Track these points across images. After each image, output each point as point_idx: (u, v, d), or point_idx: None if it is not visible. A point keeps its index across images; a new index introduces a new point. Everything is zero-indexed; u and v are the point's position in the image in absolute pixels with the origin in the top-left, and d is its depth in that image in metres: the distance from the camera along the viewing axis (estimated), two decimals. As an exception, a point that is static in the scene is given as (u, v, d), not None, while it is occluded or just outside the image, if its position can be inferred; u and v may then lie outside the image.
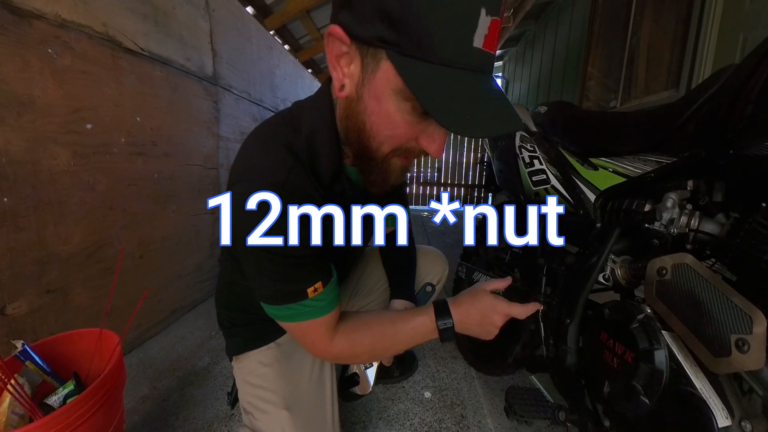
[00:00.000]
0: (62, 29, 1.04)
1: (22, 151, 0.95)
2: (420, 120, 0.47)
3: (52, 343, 0.80)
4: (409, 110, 0.45)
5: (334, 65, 0.47)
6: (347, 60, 0.46)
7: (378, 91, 0.45)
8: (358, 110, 0.49)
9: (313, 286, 0.58)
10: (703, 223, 0.61)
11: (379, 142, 0.51)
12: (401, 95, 0.44)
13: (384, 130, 0.49)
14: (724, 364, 0.48)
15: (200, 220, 1.78)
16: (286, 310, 0.59)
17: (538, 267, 0.98)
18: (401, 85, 0.42)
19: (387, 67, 0.43)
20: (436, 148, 0.50)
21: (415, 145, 0.51)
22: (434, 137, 0.49)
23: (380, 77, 0.44)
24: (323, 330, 0.62)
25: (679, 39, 1.80)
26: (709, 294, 0.51)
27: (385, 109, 0.46)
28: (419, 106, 0.44)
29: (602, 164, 0.83)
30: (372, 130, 0.50)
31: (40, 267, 1.01)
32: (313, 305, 0.59)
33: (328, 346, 0.63)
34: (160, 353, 1.39)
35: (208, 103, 1.79)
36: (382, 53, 0.42)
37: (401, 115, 0.46)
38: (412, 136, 0.50)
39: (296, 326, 0.61)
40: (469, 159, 5.94)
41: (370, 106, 0.48)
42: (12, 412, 0.65)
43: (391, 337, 0.66)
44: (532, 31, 4.14)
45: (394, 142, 0.50)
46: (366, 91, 0.47)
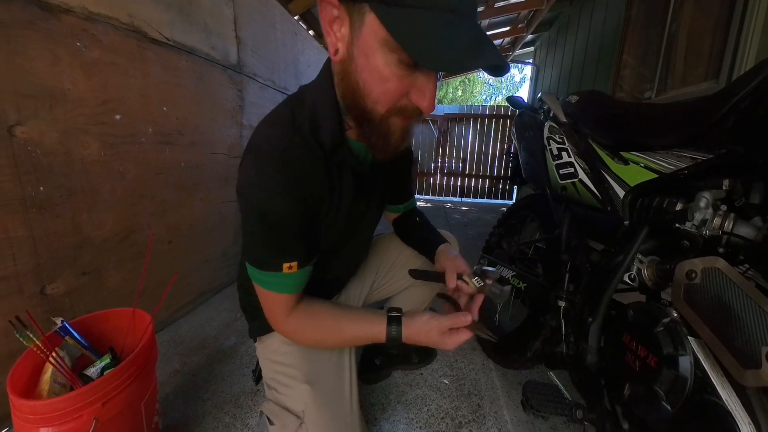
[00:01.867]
0: (89, 22, 1.07)
1: (55, 143, 0.99)
2: (408, 73, 0.48)
3: (89, 321, 0.86)
4: (396, 62, 0.47)
5: (328, 31, 0.50)
6: (339, 24, 0.49)
7: (366, 46, 0.47)
8: (350, 70, 0.51)
9: (289, 263, 0.62)
10: (738, 226, 0.57)
11: (373, 100, 0.52)
12: (387, 47, 0.45)
13: (376, 86, 0.50)
14: (752, 377, 0.46)
15: (226, 208, 1.84)
16: (260, 274, 0.64)
17: (562, 263, 0.96)
18: (385, 35, 0.44)
19: (371, 19, 0.45)
20: (428, 102, 0.51)
21: (408, 103, 0.53)
22: (424, 90, 0.50)
23: (366, 31, 0.46)
24: (282, 305, 0.68)
25: (722, 26, 1.66)
26: (741, 301, 0.49)
27: (373, 63, 0.48)
28: (405, 56, 0.45)
29: (633, 159, 0.79)
30: (365, 88, 0.51)
31: (76, 251, 1.07)
32: (282, 281, 0.64)
33: (283, 321, 0.69)
34: (189, 332, 1.47)
35: (232, 91, 1.81)
36: (366, 6, 0.44)
37: (389, 68, 0.47)
38: (403, 91, 0.51)
39: (262, 291, 0.67)
40: (495, 150, 5.79)
41: (360, 63, 0.49)
42: (54, 382, 0.71)
43: (338, 333, 0.70)
44: (566, 14, 3.91)
45: (387, 99, 0.51)
46: (356, 49, 0.49)
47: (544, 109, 1.17)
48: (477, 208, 5.00)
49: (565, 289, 0.93)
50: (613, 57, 2.59)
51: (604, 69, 2.83)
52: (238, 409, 1.06)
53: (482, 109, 5.75)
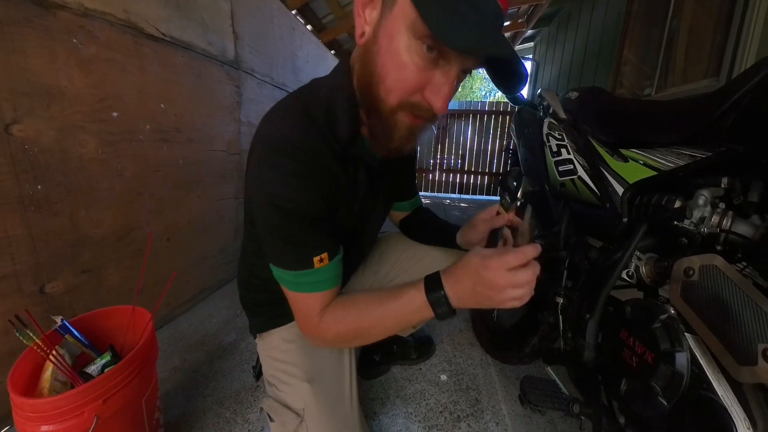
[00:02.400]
0: (85, 18, 1.06)
1: (53, 140, 0.99)
2: (427, 66, 0.48)
3: (88, 319, 0.86)
4: (418, 50, 0.47)
5: (359, 13, 0.50)
6: (371, 7, 0.49)
7: (392, 27, 0.47)
8: (372, 52, 0.51)
9: (319, 255, 0.59)
10: (736, 224, 0.58)
11: (386, 88, 0.51)
12: (413, 31, 0.46)
13: (392, 71, 0.50)
14: (749, 373, 0.46)
15: (224, 205, 1.83)
16: (292, 276, 0.60)
17: (560, 260, 0.96)
18: (414, 18, 0.44)
19: (404, 2, 0.45)
20: (441, 102, 0.50)
21: (420, 99, 0.52)
22: (439, 89, 0.50)
23: (396, 12, 0.46)
24: (317, 305, 0.62)
25: (723, 23, 1.66)
26: (738, 299, 0.49)
27: (395, 46, 0.48)
28: (429, 43, 0.46)
29: (633, 156, 0.79)
30: (381, 72, 0.50)
31: (75, 249, 1.07)
32: (316, 276, 0.60)
33: (318, 322, 0.62)
34: (189, 329, 1.47)
35: (230, 87, 1.80)
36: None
37: (410, 54, 0.47)
38: (418, 85, 0.50)
39: (296, 296, 0.63)
40: (494, 147, 5.77)
41: (383, 45, 0.49)
42: (55, 380, 0.71)
43: (379, 316, 0.60)
44: (566, 10, 3.89)
45: (400, 89, 0.51)
46: (381, 30, 0.49)
47: (544, 106, 1.17)
48: (476, 205, 5.00)
49: (563, 286, 0.93)
50: (614, 53, 2.58)
51: (604, 65, 2.83)
52: (239, 404, 1.07)
53: (482, 105, 5.72)
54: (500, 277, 0.51)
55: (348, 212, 0.69)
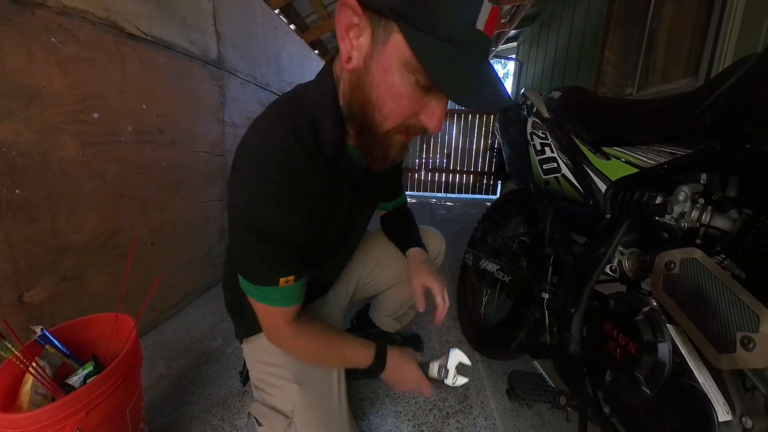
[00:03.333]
0: (64, 16, 1.02)
1: (32, 143, 0.95)
2: (422, 95, 0.49)
3: (70, 328, 0.83)
4: (413, 83, 0.48)
5: (344, 36, 0.49)
6: (357, 32, 0.48)
7: (386, 62, 0.47)
8: (365, 82, 0.51)
9: (286, 278, 0.62)
10: (715, 218, 0.60)
11: (383, 115, 0.52)
12: (407, 68, 0.46)
13: (389, 102, 0.50)
14: (727, 360, 0.48)
15: (209, 207, 1.80)
16: (255, 289, 0.64)
17: (545, 256, 0.98)
18: (409, 57, 0.45)
19: (397, 39, 0.45)
20: (435, 123, 0.52)
21: (415, 122, 0.53)
22: (434, 112, 0.51)
23: (390, 49, 0.46)
24: (281, 318, 0.68)
25: (701, 23, 1.71)
26: (717, 290, 0.51)
27: (391, 80, 0.48)
28: (423, 79, 0.47)
29: (615, 154, 0.82)
30: (377, 102, 0.51)
31: (56, 255, 1.04)
32: (280, 294, 0.64)
33: (282, 335, 0.70)
34: (174, 335, 1.44)
35: (213, 87, 1.77)
36: (394, 26, 0.44)
37: (405, 88, 0.48)
38: (413, 111, 0.52)
39: (258, 305, 0.67)
40: (479, 146, 5.83)
41: (377, 77, 0.49)
42: (35, 393, 0.69)
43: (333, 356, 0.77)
44: (548, 10, 3.96)
45: (397, 117, 0.52)
46: (374, 63, 0.48)
47: (528, 105, 1.19)
48: (462, 204, 5.05)
49: (548, 282, 0.95)
50: (595, 53, 2.64)
51: (586, 65, 2.89)
52: (226, 411, 1.05)
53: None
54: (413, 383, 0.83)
55: (330, 223, 0.70)
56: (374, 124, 0.53)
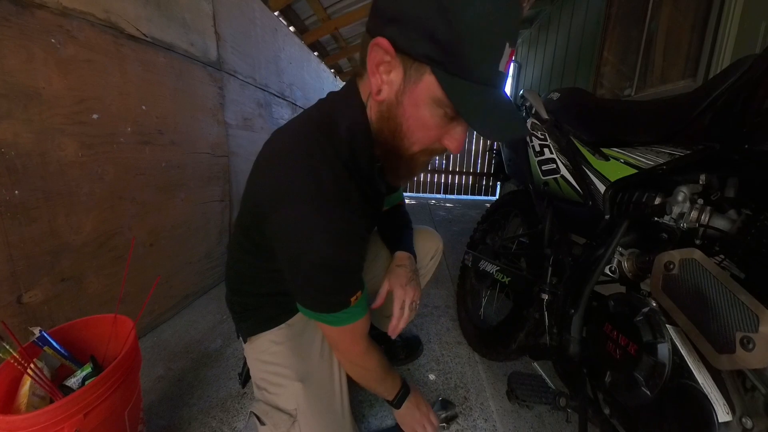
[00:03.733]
0: (64, 18, 1.03)
1: (31, 143, 0.95)
2: (447, 123, 0.56)
3: (68, 329, 0.83)
4: (441, 116, 0.54)
5: (374, 71, 0.54)
6: (387, 68, 0.53)
7: (418, 98, 0.53)
8: (396, 114, 0.56)
9: (355, 295, 0.65)
10: (714, 219, 0.60)
11: (411, 142, 0.58)
12: (437, 103, 0.52)
13: (417, 131, 0.57)
14: (727, 361, 0.48)
15: (209, 208, 1.80)
16: (330, 317, 0.65)
17: (545, 257, 0.98)
18: (440, 96, 0.51)
19: (430, 80, 0.50)
20: (457, 146, 0.58)
21: (438, 145, 0.60)
22: (456, 137, 0.58)
23: (422, 87, 0.52)
24: (357, 333, 0.71)
25: (699, 25, 1.71)
26: (716, 290, 0.51)
27: (422, 114, 0.54)
28: (450, 112, 0.53)
29: (614, 155, 0.82)
30: (407, 131, 0.57)
31: (54, 257, 1.03)
32: (352, 312, 0.66)
33: (360, 350, 0.74)
34: (173, 336, 1.44)
35: (213, 89, 1.77)
36: (426, 69, 0.50)
37: (434, 119, 0.54)
38: (438, 138, 0.58)
39: (336, 330, 0.69)
40: (478, 147, 5.84)
41: (408, 111, 0.55)
42: (33, 394, 0.68)
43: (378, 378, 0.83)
44: (547, 12, 3.96)
45: (423, 143, 0.59)
46: (406, 98, 0.54)
47: (527, 106, 1.19)
48: (461, 205, 5.05)
49: (548, 282, 0.95)
50: (594, 55, 2.64)
51: (584, 66, 2.89)
52: (225, 413, 1.05)
53: (465, 106, 5.78)
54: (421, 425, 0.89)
55: None
56: (402, 148, 0.60)
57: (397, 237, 1.00)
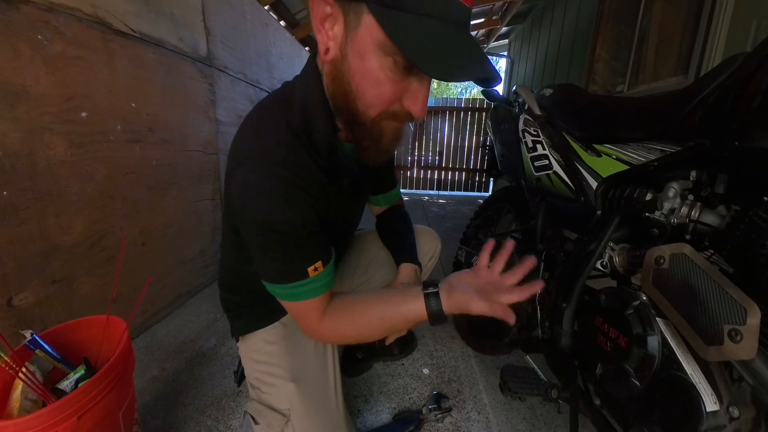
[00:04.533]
0: (51, 13, 1.00)
1: (19, 143, 0.94)
2: (402, 77, 0.48)
3: (60, 331, 0.82)
4: (392, 66, 0.46)
5: (319, 28, 0.49)
6: (331, 22, 0.48)
7: (361, 47, 0.46)
8: (343, 71, 0.50)
9: (313, 265, 0.60)
10: (704, 215, 0.61)
11: (365, 104, 0.51)
12: (383, 50, 0.45)
13: (369, 89, 0.49)
14: (715, 352, 0.49)
15: (201, 206, 1.79)
16: (288, 289, 0.61)
17: (537, 252, 0.99)
18: (383, 38, 0.43)
19: (369, 20, 0.44)
20: (419, 107, 0.51)
21: (399, 108, 0.52)
22: (417, 96, 0.51)
23: (362, 32, 0.45)
24: (315, 310, 0.65)
25: (691, 22, 1.73)
26: (706, 284, 0.52)
27: (368, 66, 0.47)
28: (401, 60, 0.45)
29: (606, 151, 0.82)
30: (358, 90, 0.50)
31: (44, 258, 1.02)
32: (311, 285, 0.61)
33: (317, 325, 0.65)
34: (167, 336, 1.43)
35: (203, 85, 1.75)
36: (363, 7, 0.44)
37: (384, 72, 0.47)
38: (396, 96, 0.50)
39: (294, 305, 0.64)
40: (471, 143, 5.84)
41: (354, 64, 0.48)
42: (25, 398, 0.67)
43: (377, 325, 0.65)
44: (540, 7, 3.96)
45: (379, 103, 0.51)
46: (350, 50, 0.48)
47: (519, 102, 1.19)
48: (454, 201, 5.07)
49: (540, 277, 0.96)
50: (586, 51, 2.65)
51: (577, 62, 2.90)
52: (221, 411, 1.05)
53: (458, 102, 5.78)
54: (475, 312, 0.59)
55: (330, 219, 0.69)
56: (359, 113, 0.53)
57: (400, 244, 0.97)
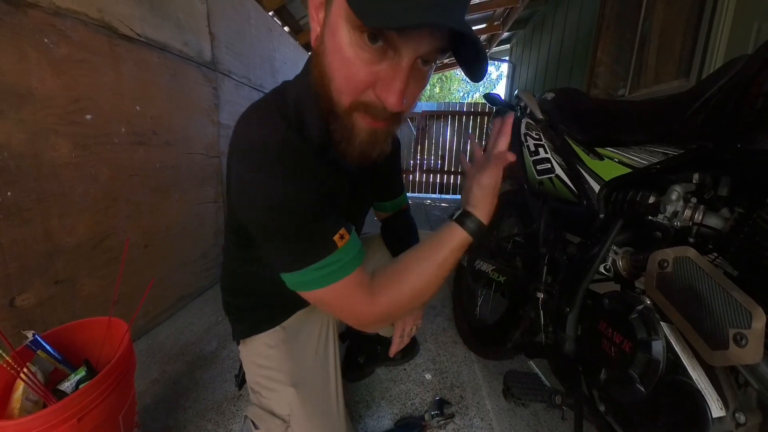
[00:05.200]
0: (57, 17, 1.02)
1: (24, 144, 0.95)
2: (375, 59, 0.45)
3: (62, 332, 0.82)
4: (360, 42, 0.43)
5: (313, 15, 0.48)
6: (323, 9, 0.47)
7: (334, 23, 0.45)
8: (320, 52, 0.49)
9: (338, 233, 0.54)
10: (707, 217, 0.61)
11: (337, 89, 0.49)
12: (351, 23, 0.42)
13: (339, 69, 0.47)
14: (721, 357, 0.48)
15: (204, 209, 1.79)
16: (317, 272, 0.53)
17: (540, 256, 0.99)
18: (347, 7, 0.41)
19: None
20: (394, 97, 0.46)
21: (373, 98, 0.48)
22: (390, 84, 0.46)
23: (335, 8, 0.44)
24: (360, 286, 0.57)
25: (692, 25, 1.73)
26: (710, 288, 0.52)
27: (339, 42, 0.45)
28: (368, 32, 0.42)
29: (608, 154, 0.82)
30: (330, 72, 0.48)
31: (47, 259, 1.02)
32: (343, 258, 0.54)
33: (371, 305, 0.58)
34: (168, 339, 1.43)
35: (207, 89, 1.77)
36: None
37: (353, 49, 0.44)
38: (367, 81, 0.47)
39: (330, 291, 0.55)
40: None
41: (328, 43, 0.47)
42: (26, 399, 0.67)
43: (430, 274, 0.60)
44: (541, 13, 3.99)
45: (350, 88, 0.48)
46: (327, 30, 0.47)
47: (521, 106, 1.19)
48: (456, 205, 5.05)
49: (543, 281, 0.95)
50: (588, 55, 2.65)
51: (578, 67, 2.91)
52: (221, 415, 1.04)
53: (460, 107, 5.80)
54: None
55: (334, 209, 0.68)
56: (333, 100, 0.50)
57: None
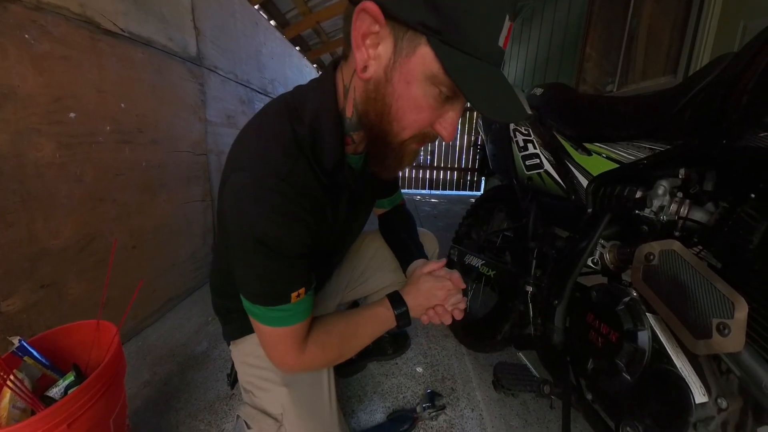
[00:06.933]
0: (38, 12, 0.98)
1: (6, 145, 0.91)
2: (441, 106, 0.50)
3: (49, 337, 0.80)
4: (436, 96, 0.48)
5: (359, 45, 0.47)
6: (375, 40, 0.47)
7: (410, 75, 0.46)
8: (385, 93, 0.50)
9: (297, 291, 0.58)
10: (693, 211, 0.62)
11: (401, 126, 0.52)
12: (432, 81, 0.46)
13: (409, 113, 0.50)
14: (704, 346, 0.50)
15: (192, 208, 1.76)
16: (266, 311, 0.59)
17: (529, 250, 1.01)
18: (435, 71, 0.45)
19: (425, 52, 0.44)
20: (450, 132, 0.53)
21: (430, 131, 0.54)
22: (449, 122, 0.53)
23: (415, 61, 0.45)
24: (295, 338, 0.62)
25: (680, 23, 1.76)
26: (694, 280, 0.53)
27: (414, 93, 0.48)
28: (447, 91, 0.47)
29: (596, 150, 0.84)
30: (398, 113, 0.51)
31: (33, 262, 1.00)
32: (292, 310, 0.59)
33: (299, 355, 0.64)
34: (158, 341, 1.41)
35: (193, 85, 1.73)
36: (422, 39, 0.44)
37: (427, 100, 0.48)
38: (431, 122, 0.52)
39: (272, 331, 0.61)
40: (463, 142, 5.88)
41: (399, 89, 0.48)
42: (13, 407, 0.66)
43: (354, 334, 0.71)
44: (530, 7, 3.99)
45: (415, 127, 0.52)
46: (396, 75, 0.47)
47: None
48: (446, 200, 5.10)
49: (532, 275, 0.97)
50: (577, 50, 2.68)
51: (567, 62, 2.93)
52: (213, 415, 1.04)
53: (449, 102, 5.81)
54: (443, 294, 0.75)
55: (329, 232, 0.68)
56: (391, 134, 0.53)
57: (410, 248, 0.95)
